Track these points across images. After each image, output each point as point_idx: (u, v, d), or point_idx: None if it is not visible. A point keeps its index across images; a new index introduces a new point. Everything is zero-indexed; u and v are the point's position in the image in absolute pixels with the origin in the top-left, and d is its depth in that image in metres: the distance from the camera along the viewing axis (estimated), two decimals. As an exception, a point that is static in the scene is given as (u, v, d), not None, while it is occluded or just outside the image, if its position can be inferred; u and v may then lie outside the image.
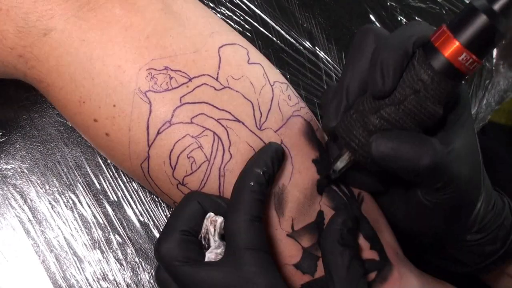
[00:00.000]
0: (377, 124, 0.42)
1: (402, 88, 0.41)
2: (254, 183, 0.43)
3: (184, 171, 0.45)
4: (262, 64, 0.49)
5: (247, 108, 0.46)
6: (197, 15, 0.49)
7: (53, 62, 0.46)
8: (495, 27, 0.38)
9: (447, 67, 0.39)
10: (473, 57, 0.39)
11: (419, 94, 0.40)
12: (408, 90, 0.40)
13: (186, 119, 0.45)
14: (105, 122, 0.46)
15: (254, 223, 0.42)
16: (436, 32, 0.40)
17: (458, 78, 0.40)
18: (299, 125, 0.49)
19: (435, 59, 0.40)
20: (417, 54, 0.41)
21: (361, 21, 0.65)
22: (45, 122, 0.57)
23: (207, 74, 0.46)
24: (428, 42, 0.41)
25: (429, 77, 0.40)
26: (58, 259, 0.55)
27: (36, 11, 0.45)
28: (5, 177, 0.56)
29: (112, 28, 0.45)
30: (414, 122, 0.41)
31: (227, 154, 0.45)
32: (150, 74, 0.45)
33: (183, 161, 0.45)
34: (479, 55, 0.39)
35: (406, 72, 0.41)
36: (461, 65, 0.39)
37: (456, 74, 0.40)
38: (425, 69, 0.40)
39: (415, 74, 0.40)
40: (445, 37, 0.39)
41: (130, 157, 0.46)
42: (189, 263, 0.42)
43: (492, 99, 0.66)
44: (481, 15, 0.38)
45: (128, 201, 0.57)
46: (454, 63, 0.39)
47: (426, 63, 0.40)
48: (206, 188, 0.45)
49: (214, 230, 0.43)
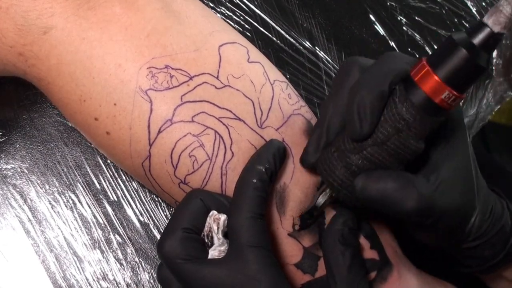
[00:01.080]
0: (360, 164, 0.41)
1: (384, 127, 0.40)
2: (256, 180, 0.42)
3: (185, 169, 0.45)
4: (262, 63, 0.49)
5: (247, 107, 0.47)
6: (196, 14, 0.49)
7: (53, 61, 0.46)
8: (475, 61, 0.37)
9: (428, 104, 0.38)
10: (453, 93, 0.38)
11: (402, 133, 0.39)
12: (391, 130, 0.40)
13: (187, 118, 0.45)
14: (106, 121, 0.46)
15: (256, 220, 0.42)
16: (416, 67, 0.39)
17: (439, 112, 0.39)
18: (299, 123, 0.49)
19: (415, 95, 0.39)
20: (398, 91, 0.40)
21: (361, 21, 0.65)
22: (45, 122, 0.57)
23: (207, 72, 0.46)
24: (407, 78, 0.39)
25: (411, 116, 0.39)
26: (58, 259, 0.55)
27: (36, 9, 0.45)
28: (5, 177, 0.56)
29: (112, 27, 0.45)
30: (397, 160, 0.41)
31: (228, 152, 0.45)
32: (150, 72, 0.45)
33: (185, 160, 0.45)
34: (459, 90, 0.38)
35: (387, 109, 0.40)
36: (442, 101, 0.38)
37: (437, 109, 0.39)
38: (406, 108, 0.39)
39: (396, 113, 0.39)
40: (425, 72, 0.38)
41: (131, 155, 0.46)
42: (192, 260, 0.42)
43: (492, 99, 0.66)
44: (461, 50, 0.36)
45: (128, 201, 0.57)
46: (434, 99, 0.38)
47: (407, 101, 0.39)
48: (208, 186, 0.45)
49: (217, 228, 0.43)
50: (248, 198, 0.42)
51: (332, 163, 0.42)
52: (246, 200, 0.42)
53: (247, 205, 0.42)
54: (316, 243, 0.47)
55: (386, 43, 0.64)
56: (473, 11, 0.67)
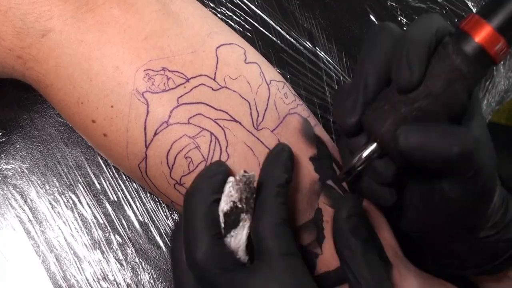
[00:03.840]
0: (414, 115, 0.40)
1: (436, 79, 0.39)
2: (278, 187, 0.42)
3: (181, 171, 0.45)
4: (259, 63, 0.49)
5: (244, 108, 0.47)
6: (195, 15, 0.49)
7: (51, 63, 0.46)
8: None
9: (481, 54, 0.38)
10: (505, 44, 0.38)
11: (456, 84, 0.39)
12: (444, 81, 0.39)
13: (183, 120, 0.45)
14: (103, 123, 0.46)
15: (284, 226, 0.41)
16: (465, 20, 0.39)
17: (489, 65, 0.39)
18: (295, 123, 0.49)
19: (468, 46, 0.38)
20: (449, 42, 0.39)
21: (361, 21, 0.64)
22: (45, 122, 0.57)
23: (204, 74, 0.46)
24: (458, 31, 0.39)
25: (466, 66, 0.38)
26: (58, 259, 0.55)
27: (34, 12, 0.45)
28: (5, 177, 0.56)
29: (111, 29, 0.45)
30: (448, 111, 0.40)
31: (224, 154, 0.45)
32: (147, 75, 0.45)
33: (181, 161, 0.45)
34: (509, 40, 0.38)
35: (438, 62, 0.39)
36: (495, 53, 0.38)
37: (488, 61, 0.39)
38: (462, 58, 0.38)
39: (450, 64, 0.39)
40: (478, 22, 0.38)
41: (128, 157, 0.46)
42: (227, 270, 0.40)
43: (493, 99, 0.66)
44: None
45: (128, 201, 0.57)
46: (488, 49, 0.38)
47: (462, 51, 0.38)
48: None
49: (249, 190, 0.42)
50: (273, 205, 0.41)
51: (381, 117, 0.41)
52: (272, 207, 0.41)
53: (273, 213, 0.41)
54: (314, 241, 0.47)
55: (386, 43, 0.64)
56: (473, 11, 0.66)
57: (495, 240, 0.49)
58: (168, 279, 0.56)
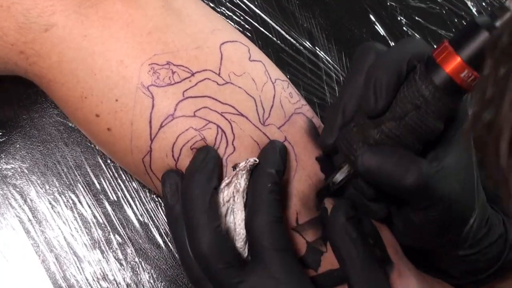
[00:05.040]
0: (377, 138, 0.42)
1: (403, 103, 0.40)
2: (271, 184, 0.43)
3: (187, 162, 0.45)
4: (263, 62, 0.49)
5: (250, 103, 0.47)
6: (197, 12, 0.49)
7: (54, 58, 0.46)
8: None
9: (448, 83, 0.39)
10: (474, 74, 0.38)
11: (420, 110, 0.40)
12: (409, 106, 0.40)
13: (189, 113, 0.45)
14: (107, 117, 0.46)
15: (278, 224, 0.42)
16: (438, 48, 0.40)
17: (458, 94, 0.40)
18: (301, 122, 0.49)
19: (436, 75, 0.39)
20: (418, 69, 0.40)
21: (361, 21, 0.65)
22: (45, 122, 0.57)
23: (209, 69, 0.46)
24: (428, 58, 0.40)
25: (430, 93, 0.40)
26: (58, 259, 0.55)
27: (37, 7, 0.45)
28: (5, 177, 0.56)
29: (114, 24, 0.45)
30: (414, 137, 0.41)
31: (230, 147, 0.45)
32: (152, 68, 0.45)
33: (186, 153, 0.45)
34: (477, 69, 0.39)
35: (406, 88, 0.41)
36: (462, 81, 0.39)
37: (457, 90, 0.39)
38: (426, 85, 0.40)
39: (416, 90, 0.40)
40: (447, 52, 0.39)
41: (131, 151, 0.46)
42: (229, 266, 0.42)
43: (492, 99, 0.66)
44: (483, 32, 0.37)
45: (128, 201, 0.57)
46: (455, 79, 0.39)
47: (428, 78, 0.40)
48: None
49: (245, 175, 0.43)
50: (266, 202, 0.42)
51: (352, 138, 0.43)
52: (265, 204, 0.42)
53: (266, 210, 0.42)
54: (320, 238, 0.47)
55: (386, 43, 0.64)
56: (473, 11, 0.67)
57: (475, 259, 0.49)
58: (168, 279, 0.56)
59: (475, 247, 0.48)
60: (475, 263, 0.50)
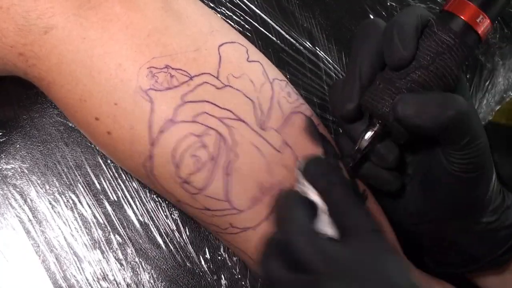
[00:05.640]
0: (408, 87, 0.43)
1: (425, 53, 0.42)
2: None
3: (188, 169, 0.45)
4: (261, 62, 0.50)
5: (248, 107, 0.47)
6: (197, 13, 0.49)
7: (53, 60, 0.46)
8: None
9: (466, 29, 0.43)
10: (488, 19, 0.43)
11: (444, 56, 0.42)
12: (433, 54, 0.42)
13: (188, 118, 0.45)
14: (107, 121, 0.46)
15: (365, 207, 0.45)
16: (448, 2, 0.44)
17: (474, 41, 0.43)
18: (299, 122, 0.49)
19: (454, 23, 0.43)
20: (434, 23, 0.43)
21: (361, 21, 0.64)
22: (45, 122, 0.57)
23: (207, 72, 0.46)
24: (441, 12, 0.44)
25: (451, 39, 0.42)
26: (58, 259, 0.55)
27: (36, 9, 0.45)
28: (5, 177, 0.56)
29: (113, 26, 0.45)
30: (441, 83, 0.43)
31: (232, 153, 0.46)
32: (151, 72, 0.45)
33: (188, 160, 0.45)
34: (491, 17, 0.43)
35: (426, 39, 0.43)
36: (478, 26, 0.43)
37: (472, 36, 0.43)
38: (446, 32, 0.42)
39: (437, 38, 0.42)
40: (460, 2, 0.43)
41: (132, 155, 0.46)
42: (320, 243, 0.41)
43: (492, 99, 0.66)
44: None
45: (128, 201, 0.57)
46: (472, 24, 0.43)
47: (446, 27, 0.42)
48: (212, 186, 0.46)
49: None
50: None
51: (379, 95, 0.44)
52: None
53: None
54: None
55: (386, 43, 0.64)
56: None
57: (496, 227, 0.49)
58: (168, 279, 0.56)
59: (496, 213, 0.49)
60: (495, 233, 0.50)
